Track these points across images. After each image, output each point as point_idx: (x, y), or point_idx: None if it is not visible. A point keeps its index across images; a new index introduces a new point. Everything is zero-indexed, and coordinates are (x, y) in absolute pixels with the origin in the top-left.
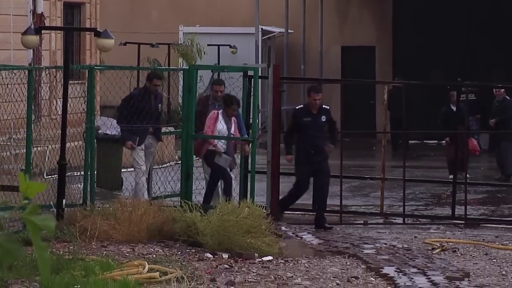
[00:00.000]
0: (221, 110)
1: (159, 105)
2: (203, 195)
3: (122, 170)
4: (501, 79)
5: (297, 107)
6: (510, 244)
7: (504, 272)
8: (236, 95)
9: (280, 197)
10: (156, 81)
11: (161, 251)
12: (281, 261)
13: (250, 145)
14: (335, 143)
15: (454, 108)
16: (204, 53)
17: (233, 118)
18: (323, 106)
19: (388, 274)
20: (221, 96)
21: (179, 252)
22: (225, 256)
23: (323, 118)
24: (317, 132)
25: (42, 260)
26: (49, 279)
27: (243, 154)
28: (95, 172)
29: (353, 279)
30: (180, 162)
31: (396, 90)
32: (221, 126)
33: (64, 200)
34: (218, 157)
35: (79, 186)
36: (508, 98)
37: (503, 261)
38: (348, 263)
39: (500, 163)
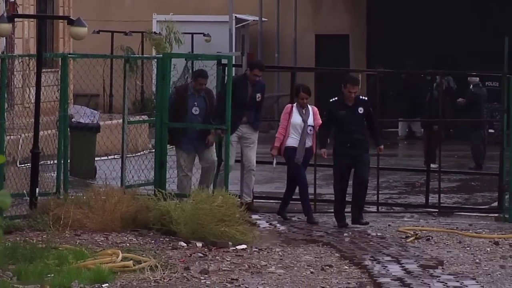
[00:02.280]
0: (295, 103)
1: (257, 94)
2: (303, 203)
3: (96, 159)
4: (475, 67)
5: (331, 100)
6: (484, 232)
7: (477, 260)
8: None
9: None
10: (258, 71)
11: (135, 239)
12: (255, 249)
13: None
14: (380, 141)
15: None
16: (182, 42)
17: (311, 108)
18: (361, 97)
19: (362, 262)
20: (204, 90)
21: (153, 241)
22: (199, 244)
23: (360, 110)
24: (354, 125)
25: None
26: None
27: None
28: (69, 161)
29: (327, 267)
30: (154, 150)
31: (374, 78)
32: (296, 119)
33: (37, 189)
34: (297, 155)
35: (52, 174)
36: (481, 86)
37: (477, 249)
38: (322, 252)
39: (472, 151)
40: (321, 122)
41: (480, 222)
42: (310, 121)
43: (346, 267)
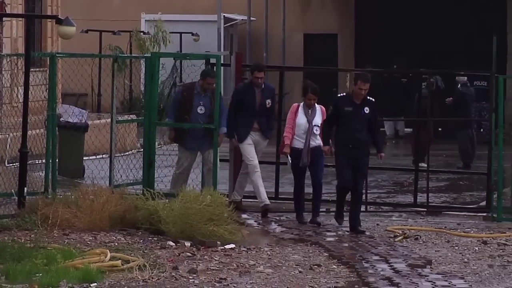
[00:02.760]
0: (302, 103)
1: (267, 100)
2: (296, 204)
3: (84, 158)
4: (463, 66)
5: (338, 95)
6: (472, 232)
7: (466, 260)
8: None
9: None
10: (257, 73)
11: (123, 239)
12: (244, 249)
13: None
14: (381, 148)
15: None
16: (170, 42)
17: (319, 108)
18: (368, 98)
19: (351, 261)
20: (211, 90)
21: (141, 240)
22: (188, 244)
23: (366, 110)
24: (358, 124)
25: None
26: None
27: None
28: (57, 160)
29: (316, 266)
30: (142, 150)
31: None
32: (301, 119)
33: (25, 188)
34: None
35: (40, 174)
36: (468, 86)
37: (465, 248)
38: (310, 251)
39: (459, 151)
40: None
41: (468, 222)
42: (316, 120)
43: (335, 267)
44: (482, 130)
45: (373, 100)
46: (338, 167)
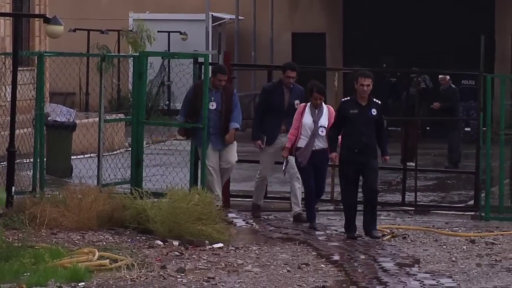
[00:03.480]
0: (309, 103)
1: (296, 101)
2: (305, 208)
3: (72, 157)
4: (451, 65)
5: (343, 99)
6: (460, 231)
7: (454, 259)
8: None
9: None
10: (290, 72)
11: (111, 238)
12: (232, 248)
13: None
14: (387, 151)
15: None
16: (154, 39)
17: (326, 108)
18: (374, 100)
19: (339, 261)
20: (222, 86)
21: (129, 240)
22: (176, 243)
23: (373, 112)
24: (364, 127)
25: None
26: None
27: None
28: (45, 159)
29: (304, 265)
30: (130, 149)
31: (351, 77)
32: (307, 119)
33: (13, 187)
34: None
35: (28, 173)
36: (453, 86)
37: (453, 247)
38: (298, 250)
39: (450, 150)
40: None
41: (456, 221)
42: (323, 121)
43: (323, 266)
44: (470, 129)
45: (379, 102)
46: (342, 180)
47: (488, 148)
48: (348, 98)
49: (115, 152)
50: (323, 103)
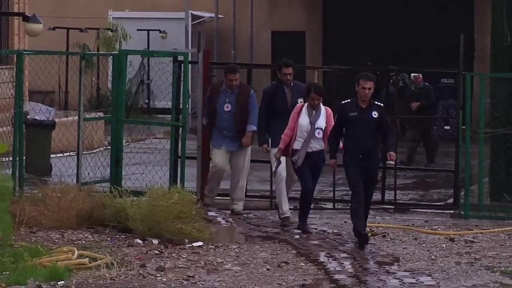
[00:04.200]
0: (306, 103)
1: (299, 99)
2: (300, 209)
3: (51, 156)
4: (430, 64)
5: (343, 102)
6: (439, 229)
7: (433, 257)
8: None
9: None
10: (285, 69)
11: (91, 237)
12: (211, 246)
13: (180, 131)
14: (391, 147)
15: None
16: (130, 37)
17: (324, 109)
18: (376, 102)
19: (318, 259)
20: (236, 86)
21: (109, 238)
22: (155, 241)
23: (375, 114)
24: (365, 130)
25: (3, 222)
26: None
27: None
28: (24, 158)
29: (283, 264)
30: (109, 147)
31: (330, 75)
32: (303, 120)
33: None
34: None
35: (7, 171)
36: (427, 84)
37: (432, 245)
38: (278, 248)
39: (430, 148)
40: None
41: (435, 219)
42: (320, 123)
43: (303, 264)
44: (449, 127)
45: (381, 104)
46: (351, 185)
47: (467, 147)
48: (348, 100)
49: (95, 151)
50: (321, 104)
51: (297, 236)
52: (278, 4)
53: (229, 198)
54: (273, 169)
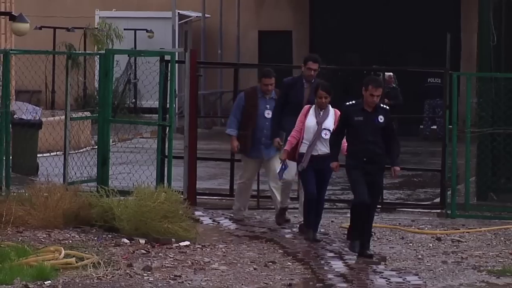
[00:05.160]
0: (314, 105)
1: None
2: (303, 217)
3: (38, 155)
4: (417, 63)
5: (347, 103)
6: (426, 228)
7: (420, 256)
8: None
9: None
10: (312, 64)
11: (78, 236)
12: (198, 246)
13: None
14: (397, 161)
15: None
16: (123, 38)
17: (332, 110)
18: (381, 105)
19: (305, 258)
20: (271, 90)
21: (96, 238)
22: (142, 241)
23: (381, 119)
24: (371, 135)
25: None
26: None
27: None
28: (10, 157)
29: (270, 263)
30: (96, 147)
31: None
32: (310, 121)
33: None
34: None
35: None
36: (394, 85)
37: (419, 245)
38: (265, 248)
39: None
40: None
41: (422, 218)
42: (328, 124)
43: (289, 263)
44: (436, 127)
45: (387, 107)
46: (353, 181)
47: (454, 146)
48: (353, 102)
49: (81, 150)
50: (329, 105)
51: (284, 236)
52: (265, 3)
53: (217, 198)
54: (277, 171)
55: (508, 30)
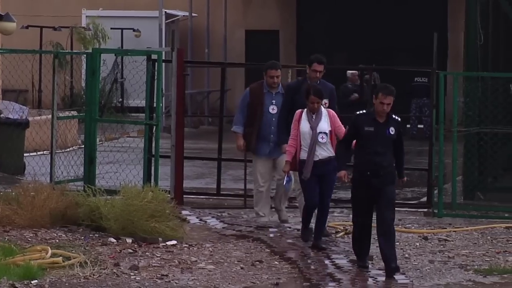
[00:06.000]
0: (305, 108)
1: (324, 100)
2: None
3: (25, 155)
4: (405, 63)
5: (358, 112)
6: (413, 227)
7: (407, 255)
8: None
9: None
10: (317, 66)
11: (64, 236)
12: (185, 245)
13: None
14: (403, 173)
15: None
16: (108, 38)
17: (325, 112)
18: (394, 116)
19: (292, 257)
20: (277, 83)
21: (83, 237)
22: (129, 240)
23: (392, 131)
24: (380, 147)
25: None
26: None
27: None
28: None
29: (257, 263)
30: (83, 146)
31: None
32: (304, 127)
33: None
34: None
35: None
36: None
37: (406, 244)
38: (252, 247)
39: None
40: (343, 130)
41: (409, 217)
42: (322, 127)
43: (276, 263)
44: (423, 126)
45: (399, 119)
46: (353, 209)
47: (441, 145)
48: (364, 111)
49: (68, 150)
50: (322, 106)
51: (271, 235)
52: (252, 3)
53: (204, 197)
54: (283, 183)
55: (495, 30)
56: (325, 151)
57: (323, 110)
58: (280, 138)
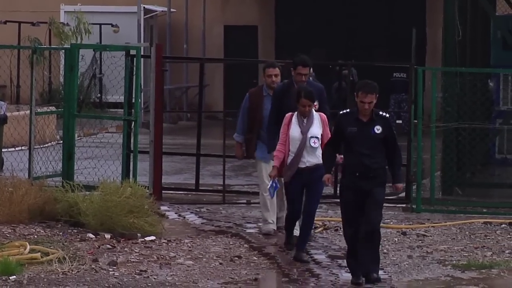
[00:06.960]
0: (296, 112)
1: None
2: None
3: (3, 150)
4: (383, 59)
5: (341, 112)
6: (391, 223)
7: (385, 251)
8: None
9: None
10: (302, 69)
11: (43, 231)
12: (164, 241)
13: (133, 125)
14: (399, 178)
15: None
16: (91, 33)
17: (317, 116)
18: (380, 113)
19: (271, 253)
20: (277, 82)
21: (61, 233)
22: (108, 236)
23: (378, 129)
24: (365, 147)
25: None
26: None
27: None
28: None
29: (236, 258)
30: (61, 142)
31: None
32: (294, 131)
33: None
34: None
35: None
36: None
37: (384, 239)
38: (231, 243)
39: None
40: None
41: (388, 213)
42: (314, 131)
43: (255, 258)
44: (401, 121)
45: (387, 115)
46: (343, 207)
47: (419, 141)
48: (348, 110)
49: (47, 145)
50: (313, 110)
51: (250, 231)
52: None
53: (183, 192)
54: (268, 187)
55: (473, 25)
56: (314, 158)
57: (315, 114)
58: (270, 145)
